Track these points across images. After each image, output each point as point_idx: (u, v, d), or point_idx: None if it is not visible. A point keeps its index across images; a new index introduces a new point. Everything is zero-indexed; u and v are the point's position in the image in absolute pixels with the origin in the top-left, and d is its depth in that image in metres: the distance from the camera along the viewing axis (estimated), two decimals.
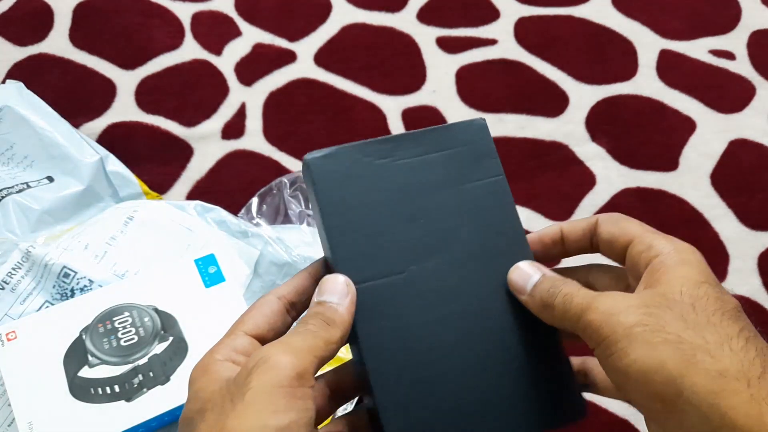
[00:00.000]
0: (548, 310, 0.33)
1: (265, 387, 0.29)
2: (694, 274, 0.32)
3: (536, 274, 0.35)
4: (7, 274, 0.57)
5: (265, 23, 0.84)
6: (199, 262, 0.58)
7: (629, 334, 0.29)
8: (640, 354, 0.29)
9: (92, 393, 0.51)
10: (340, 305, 0.33)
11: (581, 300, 0.32)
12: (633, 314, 0.30)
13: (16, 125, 0.67)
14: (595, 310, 0.31)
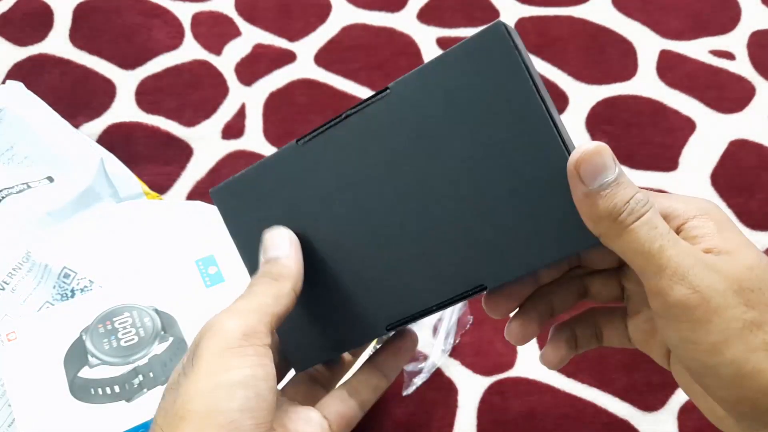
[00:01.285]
0: (615, 228, 0.27)
1: (211, 351, 0.29)
2: (737, 233, 0.29)
3: (616, 167, 0.27)
4: (8, 274, 0.57)
5: (265, 23, 0.84)
6: (199, 263, 0.58)
7: (726, 330, 0.26)
8: (736, 356, 0.26)
9: (92, 393, 0.51)
10: (287, 257, 0.33)
11: (673, 258, 0.26)
12: (732, 302, 0.26)
13: (16, 125, 0.67)
14: (690, 285, 0.26)
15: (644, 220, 0.27)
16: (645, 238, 0.27)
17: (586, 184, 0.27)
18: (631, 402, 0.60)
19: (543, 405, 0.60)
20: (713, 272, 0.27)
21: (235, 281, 0.59)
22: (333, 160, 0.34)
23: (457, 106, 0.31)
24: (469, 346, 0.63)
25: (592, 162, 0.27)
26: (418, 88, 0.31)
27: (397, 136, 0.32)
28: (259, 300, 0.31)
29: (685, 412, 0.60)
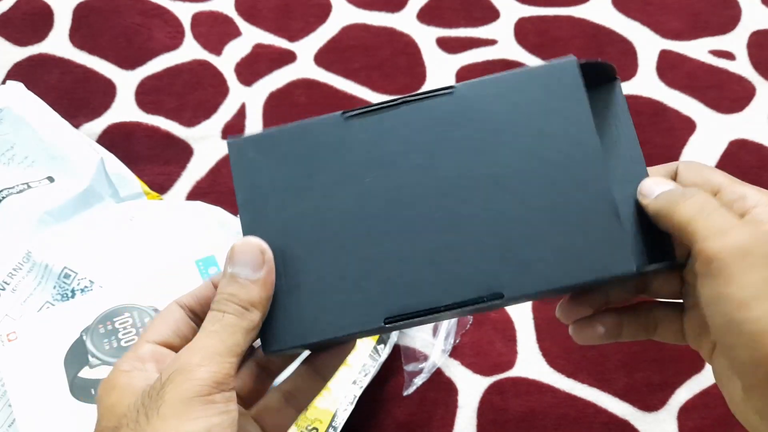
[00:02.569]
0: (670, 205, 0.31)
1: (180, 398, 0.28)
2: None
3: (669, 184, 0.33)
4: (8, 274, 0.57)
5: (265, 23, 0.84)
6: (199, 263, 0.58)
7: (759, 286, 0.28)
8: (763, 314, 0.27)
9: (93, 394, 0.51)
10: (256, 280, 0.31)
11: (718, 219, 0.29)
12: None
13: (16, 126, 0.67)
14: (731, 239, 0.29)
15: (695, 200, 0.30)
16: (695, 209, 0.30)
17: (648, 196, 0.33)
18: (631, 402, 0.60)
19: (543, 405, 0.60)
20: (755, 235, 0.29)
21: None
22: (375, 141, 0.33)
23: (519, 119, 0.32)
24: (469, 346, 0.63)
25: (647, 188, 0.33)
26: (483, 94, 0.33)
27: (451, 132, 0.32)
28: (230, 338, 0.30)
29: (685, 412, 0.60)
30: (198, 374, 0.28)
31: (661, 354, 0.63)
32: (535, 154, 0.32)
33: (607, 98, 0.36)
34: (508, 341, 0.63)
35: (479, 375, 0.61)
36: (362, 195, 0.33)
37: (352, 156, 0.33)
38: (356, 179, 0.33)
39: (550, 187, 0.31)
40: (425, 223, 0.32)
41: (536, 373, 0.62)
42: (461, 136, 0.32)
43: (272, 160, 0.35)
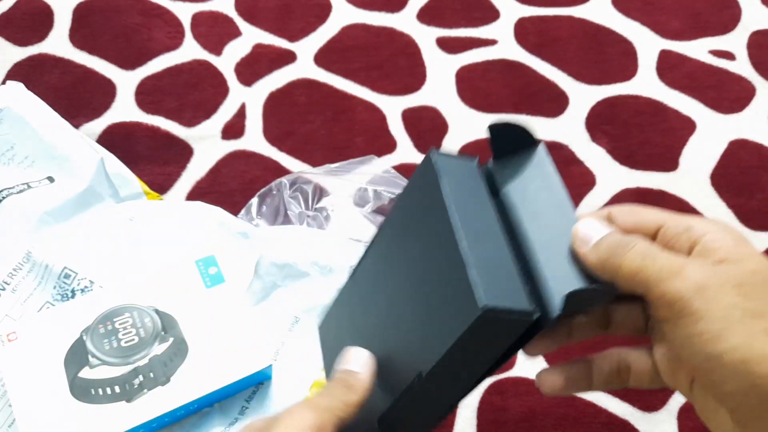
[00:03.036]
0: (614, 262, 0.30)
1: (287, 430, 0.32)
2: (753, 250, 0.30)
3: (604, 229, 0.32)
4: (8, 274, 0.57)
5: (265, 23, 0.84)
6: (199, 263, 0.58)
7: (727, 318, 0.27)
8: (740, 341, 0.27)
9: (93, 393, 0.51)
10: (362, 373, 0.36)
11: (665, 262, 0.29)
12: (730, 293, 0.27)
13: (16, 126, 0.67)
14: (685, 278, 0.28)
15: (636, 250, 0.30)
16: (639, 259, 0.30)
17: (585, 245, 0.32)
18: (631, 402, 0.60)
19: (543, 405, 0.60)
20: (710, 269, 0.29)
21: (236, 282, 0.59)
22: (361, 282, 0.42)
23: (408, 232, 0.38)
24: None
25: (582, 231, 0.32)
26: (390, 220, 0.40)
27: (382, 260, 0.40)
28: (332, 402, 0.34)
29: (685, 412, 0.60)
30: (303, 415, 0.33)
31: None
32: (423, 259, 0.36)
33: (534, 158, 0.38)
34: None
35: None
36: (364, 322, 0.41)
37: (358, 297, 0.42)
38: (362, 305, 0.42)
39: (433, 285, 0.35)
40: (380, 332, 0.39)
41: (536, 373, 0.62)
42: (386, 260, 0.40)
43: (332, 320, 0.45)
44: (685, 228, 0.31)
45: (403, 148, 0.75)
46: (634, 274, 0.30)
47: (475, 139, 0.76)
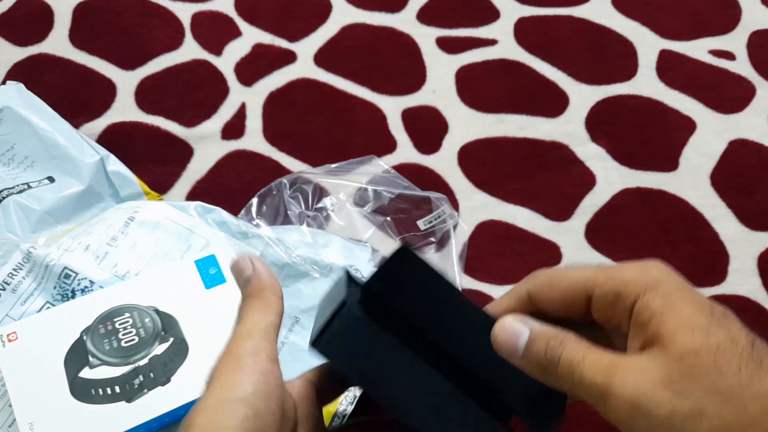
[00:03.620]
0: (550, 377, 0.30)
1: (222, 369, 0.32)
2: (687, 310, 0.28)
3: (525, 330, 0.30)
4: (8, 275, 0.57)
5: (265, 23, 0.84)
6: (199, 263, 0.58)
7: (671, 427, 0.26)
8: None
9: (93, 394, 0.51)
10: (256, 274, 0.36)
11: (593, 377, 0.28)
12: (665, 401, 0.26)
13: (16, 126, 0.67)
14: (617, 397, 0.27)
15: (563, 361, 0.29)
16: (569, 375, 0.29)
17: (513, 356, 0.30)
18: None
19: None
20: (637, 375, 0.27)
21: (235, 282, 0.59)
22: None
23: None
24: None
25: (502, 342, 0.31)
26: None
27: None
28: (253, 318, 0.34)
29: None
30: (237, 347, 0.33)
31: None
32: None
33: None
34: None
35: None
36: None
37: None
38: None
39: None
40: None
41: None
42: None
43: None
44: (615, 296, 0.30)
45: (403, 148, 0.75)
46: (573, 391, 0.29)
47: (475, 138, 0.76)
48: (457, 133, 0.76)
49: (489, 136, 0.76)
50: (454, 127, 0.77)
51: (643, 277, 0.29)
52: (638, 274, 0.30)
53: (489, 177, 0.74)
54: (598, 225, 0.71)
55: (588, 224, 0.71)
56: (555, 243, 0.69)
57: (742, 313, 0.29)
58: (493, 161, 0.75)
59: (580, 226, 0.71)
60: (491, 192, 0.72)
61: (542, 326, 0.30)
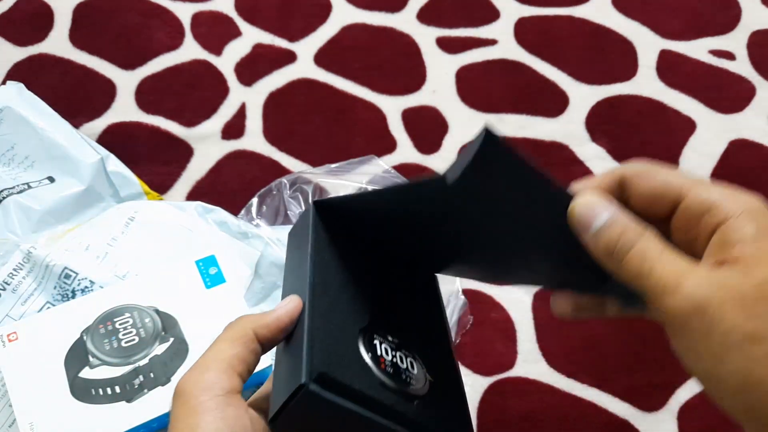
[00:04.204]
0: (614, 263, 0.29)
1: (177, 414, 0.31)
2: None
3: (605, 212, 0.29)
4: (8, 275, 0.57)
5: (265, 23, 0.84)
6: (200, 263, 0.58)
7: (726, 341, 0.26)
8: (739, 366, 0.26)
9: (93, 394, 0.51)
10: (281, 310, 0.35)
11: (663, 273, 0.27)
12: (731, 312, 0.26)
13: (16, 126, 0.67)
14: (684, 296, 0.27)
15: (635, 251, 0.28)
16: (637, 265, 0.28)
17: (585, 231, 0.30)
18: (631, 402, 0.60)
19: (543, 405, 0.60)
20: (712, 284, 0.27)
21: (236, 282, 0.59)
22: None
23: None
24: (469, 346, 0.63)
25: (579, 215, 0.30)
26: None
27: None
28: (218, 347, 0.33)
29: (685, 412, 0.60)
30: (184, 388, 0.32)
31: (661, 354, 0.63)
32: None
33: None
34: (508, 341, 0.63)
35: (479, 375, 0.61)
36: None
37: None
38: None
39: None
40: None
41: (536, 373, 0.62)
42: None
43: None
44: (706, 208, 0.29)
45: (403, 148, 0.75)
46: (633, 280, 0.29)
47: None
48: (457, 133, 0.76)
49: None
50: (454, 127, 0.77)
51: (741, 202, 0.29)
52: (737, 198, 0.29)
53: None
54: None
55: None
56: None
57: None
58: None
59: None
60: None
61: (623, 214, 0.30)
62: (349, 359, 0.33)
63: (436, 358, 0.37)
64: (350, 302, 0.36)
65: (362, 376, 0.32)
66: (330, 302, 0.35)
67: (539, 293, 0.66)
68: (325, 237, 0.37)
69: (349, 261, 0.37)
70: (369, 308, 0.36)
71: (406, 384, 0.33)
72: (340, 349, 0.33)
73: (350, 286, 0.36)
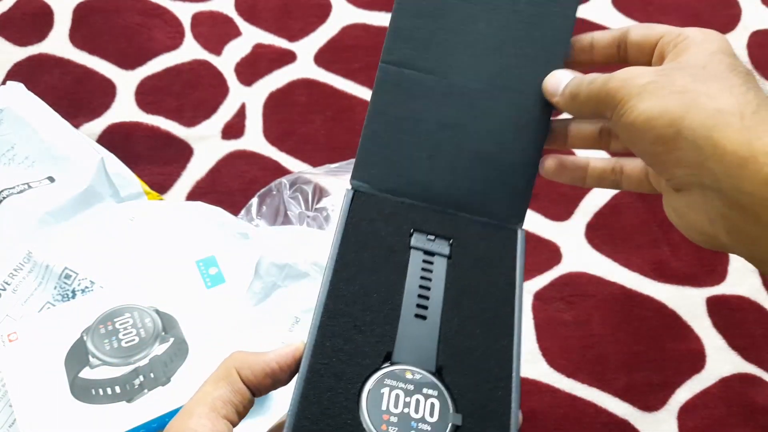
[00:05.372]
0: (576, 99, 0.35)
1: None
2: (714, 46, 0.33)
3: (568, 76, 0.37)
4: (9, 275, 0.57)
5: (265, 23, 0.84)
6: (200, 264, 0.58)
7: (641, 92, 0.31)
8: (647, 105, 0.31)
9: (93, 394, 0.51)
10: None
11: (603, 77, 0.34)
12: (647, 76, 0.32)
13: (16, 126, 0.67)
14: (615, 78, 0.33)
15: (593, 81, 0.34)
16: (596, 86, 0.34)
17: (554, 96, 0.37)
18: (631, 402, 0.61)
19: (543, 405, 0.60)
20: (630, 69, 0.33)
21: (236, 282, 0.59)
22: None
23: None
24: None
25: (551, 83, 0.37)
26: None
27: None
28: (203, 389, 0.32)
29: (685, 412, 0.60)
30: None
31: (661, 354, 0.63)
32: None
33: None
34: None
35: None
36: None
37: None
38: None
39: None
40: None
41: (536, 373, 0.62)
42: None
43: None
44: (675, 34, 0.34)
45: None
46: (587, 98, 0.34)
47: None
48: None
49: None
50: None
51: (700, 30, 0.34)
52: (699, 29, 0.34)
53: None
54: (598, 225, 0.71)
55: (588, 224, 0.71)
56: (555, 243, 0.69)
57: (742, 313, 0.30)
58: None
59: (580, 226, 0.71)
60: None
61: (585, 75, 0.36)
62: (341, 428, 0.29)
63: (482, 385, 0.32)
64: (369, 329, 0.32)
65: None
66: (341, 336, 0.32)
67: (539, 293, 0.66)
68: (355, 235, 0.35)
69: (380, 263, 0.34)
70: (393, 332, 0.32)
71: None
72: (333, 416, 0.30)
73: (375, 301, 0.33)
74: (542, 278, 0.67)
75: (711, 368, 0.62)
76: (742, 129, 0.29)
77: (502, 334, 0.33)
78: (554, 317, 0.65)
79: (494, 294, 0.34)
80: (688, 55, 0.33)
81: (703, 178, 0.30)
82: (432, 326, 0.33)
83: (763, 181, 0.28)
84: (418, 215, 0.37)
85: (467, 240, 0.36)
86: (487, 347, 0.32)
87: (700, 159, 0.29)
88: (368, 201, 0.37)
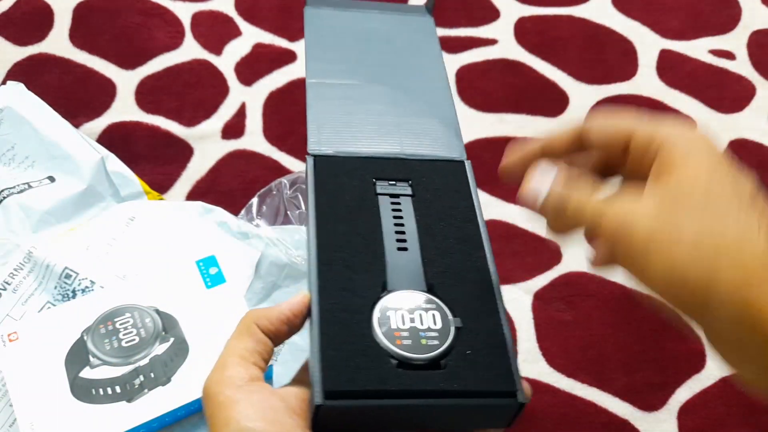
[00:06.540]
0: (561, 220, 0.33)
1: (209, 412, 0.33)
2: (705, 160, 0.29)
3: (545, 188, 0.33)
4: (9, 275, 0.57)
5: (265, 23, 0.84)
6: (200, 263, 0.58)
7: (646, 249, 0.28)
8: (660, 267, 0.28)
9: (93, 394, 0.51)
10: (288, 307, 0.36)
11: (592, 209, 0.31)
12: (647, 223, 0.28)
13: (17, 126, 0.67)
14: (608, 222, 0.30)
15: (571, 203, 0.32)
16: (578, 214, 0.32)
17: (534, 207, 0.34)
18: (631, 402, 0.61)
19: (543, 405, 0.60)
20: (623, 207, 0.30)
21: (236, 282, 0.59)
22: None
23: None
24: None
25: (525, 196, 0.34)
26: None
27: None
28: (229, 345, 0.35)
29: (685, 411, 0.60)
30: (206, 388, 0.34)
31: (661, 354, 0.63)
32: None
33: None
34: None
35: None
36: None
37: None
38: None
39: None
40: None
41: (536, 373, 0.62)
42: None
43: None
44: (649, 139, 0.31)
45: None
46: (578, 224, 0.32)
47: (475, 138, 0.76)
48: None
49: (489, 136, 0.76)
50: None
51: (673, 128, 0.31)
52: (671, 126, 0.31)
53: (489, 176, 0.73)
54: None
55: None
56: (555, 243, 0.69)
57: None
58: (493, 161, 0.74)
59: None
60: (491, 191, 0.72)
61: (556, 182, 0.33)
62: (364, 350, 0.33)
63: (469, 292, 0.36)
64: (362, 267, 0.36)
65: (379, 367, 0.33)
66: (340, 277, 0.36)
67: (539, 293, 0.66)
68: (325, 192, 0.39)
69: (354, 212, 0.39)
70: (382, 266, 0.36)
71: (427, 349, 0.33)
72: (353, 342, 0.33)
73: (359, 244, 0.37)
74: (542, 278, 0.67)
75: (711, 368, 0.62)
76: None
77: (475, 247, 0.38)
78: (554, 317, 0.65)
79: (458, 216, 0.40)
80: (678, 174, 0.29)
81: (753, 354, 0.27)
82: (414, 254, 0.37)
83: None
84: (376, 166, 0.41)
85: (423, 178, 0.41)
86: (464, 261, 0.38)
87: (738, 322, 0.27)
88: (329, 162, 0.41)
